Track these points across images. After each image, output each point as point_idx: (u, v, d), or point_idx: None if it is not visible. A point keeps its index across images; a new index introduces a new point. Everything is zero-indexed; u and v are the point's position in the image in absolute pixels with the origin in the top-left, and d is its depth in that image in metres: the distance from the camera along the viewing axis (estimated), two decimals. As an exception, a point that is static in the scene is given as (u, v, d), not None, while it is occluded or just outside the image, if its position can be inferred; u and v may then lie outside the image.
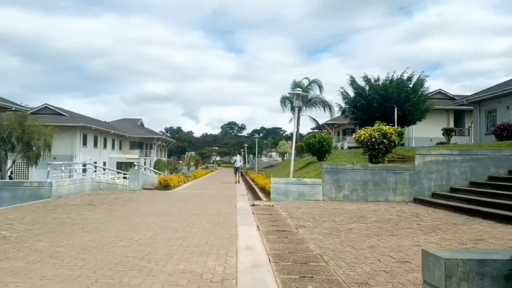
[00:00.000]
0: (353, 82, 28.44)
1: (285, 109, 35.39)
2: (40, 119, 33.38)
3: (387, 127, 13.56)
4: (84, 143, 40.98)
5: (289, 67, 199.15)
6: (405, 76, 27.64)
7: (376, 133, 13.31)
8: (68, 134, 38.46)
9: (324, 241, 6.40)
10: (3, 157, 30.30)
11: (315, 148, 20.58)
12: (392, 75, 27.85)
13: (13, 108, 25.40)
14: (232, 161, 24.40)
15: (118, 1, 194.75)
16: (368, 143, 13.48)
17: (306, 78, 31.49)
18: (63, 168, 13.47)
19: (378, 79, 28.61)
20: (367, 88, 27.95)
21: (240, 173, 23.45)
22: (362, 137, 13.50)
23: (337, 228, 7.59)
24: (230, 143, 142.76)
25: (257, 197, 14.85)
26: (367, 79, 28.24)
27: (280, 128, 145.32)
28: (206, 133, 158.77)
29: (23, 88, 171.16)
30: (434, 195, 11.46)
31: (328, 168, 12.27)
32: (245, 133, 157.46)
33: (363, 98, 27.13)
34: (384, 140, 13.27)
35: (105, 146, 46.98)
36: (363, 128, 13.97)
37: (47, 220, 7.98)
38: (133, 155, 51.14)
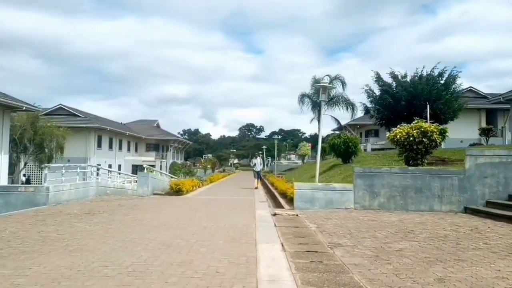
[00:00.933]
0: (378, 79, 26.58)
1: (304, 108, 33.59)
2: (54, 120, 32.71)
3: (427, 124, 11.82)
4: (99, 145, 40.24)
5: (308, 68, 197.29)
6: (436, 72, 25.61)
7: (414, 131, 11.60)
8: (82, 136, 37.78)
9: (372, 268, 4.82)
10: (15, 159, 29.64)
11: (340, 149, 18.91)
12: (422, 71, 25.87)
13: (24, 108, 24.47)
14: (251, 164, 22.18)
15: (138, 3, 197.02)
16: (405, 143, 11.77)
17: (327, 75, 29.69)
18: (63, 171, 12.23)
19: (405, 76, 26.68)
20: (394, 85, 26.05)
21: (260, 178, 21.26)
22: (398, 136, 11.80)
23: (383, 248, 5.98)
24: (248, 146, 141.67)
25: (278, 204, 13.30)
26: (393, 76, 26.33)
27: (299, 130, 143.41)
28: (224, 135, 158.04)
29: (45, 91, 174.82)
30: (489, 203, 9.67)
31: (360, 172, 10.62)
32: (263, 135, 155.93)
33: (390, 95, 25.23)
34: (424, 139, 11.54)
35: (120, 148, 46.23)
36: (398, 126, 12.28)
37: (29, 235, 6.65)
38: (149, 158, 50.27)
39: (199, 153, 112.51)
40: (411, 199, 10.19)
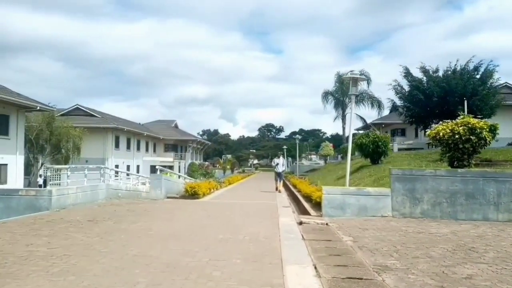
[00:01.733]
0: (407, 74, 24.96)
1: (327, 105, 32.10)
2: (71, 120, 32.35)
3: (475, 120, 10.33)
4: (117, 146, 39.80)
5: (329, 67, 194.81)
6: (471, 66, 23.80)
7: (460, 128, 10.13)
8: (100, 136, 37.39)
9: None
10: (32, 160, 29.31)
11: (369, 149, 17.51)
12: (455, 65, 24.08)
13: (38, 108, 24.06)
14: (272, 164, 19.60)
15: (158, 5, 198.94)
16: (449, 141, 10.31)
17: (351, 71, 28.32)
18: (68, 173, 11.32)
19: (437, 70, 24.98)
20: (424, 80, 24.39)
21: (282, 180, 18.98)
22: (441, 133, 10.35)
23: (446, 274, 4.66)
24: (267, 146, 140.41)
25: (303, 210, 12.04)
26: (424, 70, 24.66)
27: (319, 130, 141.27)
28: (243, 136, 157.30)
29: (67, 93, 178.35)
30: (556, 212, 8.15)
31: (399, 175, 9.25)
32: (283, 135, 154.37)
33: (421, 91, 23.62)
34: (472, 137, 10.05)
35: (138, 148, 45.79)
36: (440, 122, 10.83)
37: (13, 249, 5.64)
38: (167, 158, 49.74)
39: (218, 153, 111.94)
40: (460, 207, 8.76)
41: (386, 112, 31.42)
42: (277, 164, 17.88)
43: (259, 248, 5.94)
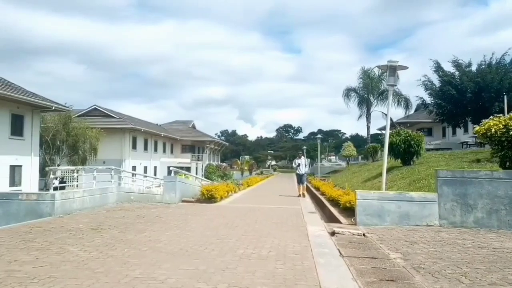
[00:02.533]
0: (438, 69, 23.33)
1: (350, 103, 30.57)
2: (88, 121, 31.93)
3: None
4: (134, 146, 39.25)
5: (349, 66, 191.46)
6: (507, 60, 22.07)
7: (516, 123, 8.74)
8: (117, 137, 36.88)
9: None
10: (49, 162, 28.91)
11: (400, 149, 16.14)
12: (490, 58, 22.36)
13: (53, 108, 23.48)
14: (293, 165, 17.51)
15: (178, 6, 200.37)
16: (503, 138, 8.93)
17: (378, 66, 26.77)
18: (75, 174, 10.41)
19: (469, 64, 23.27)
20: (457, 75, 22.75)
21: (305, 183, 16.58)
22: (493, 130, 8.98)
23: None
24: (285, 147, 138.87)
25: (331, 216, 10.82)
26: (457, 64, 22.99)
27: (339, 131, 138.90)
28: (261, 137, 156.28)
29: (88, 95, 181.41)
30: None
31: (448, 177, 7.95)
32: (301, 136, 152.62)
33: (453, 87, 21.97)
34: (530, 134, 8.65)
35: (155, 149, 45.22)
36: (490, 117, 9.45)
37: (-8, 267, 4.65)
38: (184, 159, 48.99)
39: (236, 154, 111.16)
40: (523, 215, 7.41)
41: (412, 110, 29.70)
42: (299, 165, 15.80)
43: (289, 268, 4.80)
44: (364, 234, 7.19)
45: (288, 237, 6.83)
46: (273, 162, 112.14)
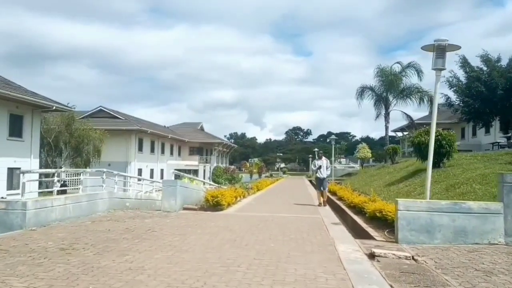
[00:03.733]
0: (464, 64, 21.44)
1: (365, 102, 28.70)
2: (94, 122, 30.68)
3: None
4: (140, 149, 37.87)
5: (360, 68, 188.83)
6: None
7: None
8: (123, 139, 35.54)
9: None
10: (51, 164, 27.63)
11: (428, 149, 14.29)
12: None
13: (54, 108, 22.18)
14: (313, 168, 14.84)
15: (190, 11, 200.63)
16: None
17: (397, 62, 25.00)
18: (55, 179, 8.85)
19: (499, 59, 21.36)
20: (485, 70, 20.87)
21: (326, 189, 13.81)
22: None
23: None
24: (295, 149, 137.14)
25: (355, 227, 9.10)
26: (486, 59, 21.10)
27: (349, 133, 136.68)
28: (270, 139, 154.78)
29: (101, 99, 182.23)
30: None
31: (519, 182, 6.21)
32: (310, 138, 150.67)
33: (482, 83, 20.11)
34: None
35: (163, 151, 43.82)
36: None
37: None
38: (192, 162, 47.54)
39: (245, 157, 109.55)
40: None
41: (424, 111, 27.77)
42: (319, 167, 12.93)
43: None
44: (414, 258, 5.49)
45: (315, 262, 5.16)
46: (282, 165, 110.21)
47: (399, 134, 45.14)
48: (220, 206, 10.51)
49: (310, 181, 51.66)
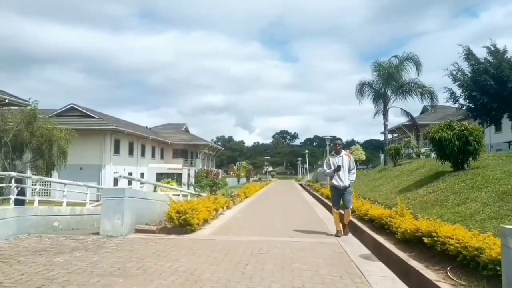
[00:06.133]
0: (469, 56, 19.13)
1: (363, 100, 26.26)
2: (64, 121, 27.43)
3: None
4: (116, 151, 34.61)
5: (344, 74, 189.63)
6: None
7: None
8: (97, 140, 32.31)
9: None
10: (8, 167, 24.27)
11: (453, 146, 11.69)
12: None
13: (6, 101, 19.01)
14: (325, 170, 8.26)
15: (181, 17, 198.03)
16: None
17: (395, 56, 22.85)
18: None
19: (505, 51, 19.10)
20: (492, 62, 18.59)
21: (351, 207, 8.26)
22: None
23: None
24: (282, 153, 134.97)
25: (380, 250, 6.25)
26: (494, 50, 18.82)
27: (334, 137, 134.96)
28: (258, 142, 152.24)
29: (90, 103, 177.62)
30: None
31: None
32: (297, 142, 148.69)
33: (491, 76, 17.83)
34: None
35: (143, 154, 40.59)
36: None
37: None
38: (175, 165, 44.43)
39: (232, 160, 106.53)
40: None
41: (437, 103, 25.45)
42: (338, 167, 7.89)
43: None
44: None
45: None
46: (270, 168, 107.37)
47: (392, 135, 42.86)
48: (189, 226, 7.49)
49: (301, 184, 49.06)
